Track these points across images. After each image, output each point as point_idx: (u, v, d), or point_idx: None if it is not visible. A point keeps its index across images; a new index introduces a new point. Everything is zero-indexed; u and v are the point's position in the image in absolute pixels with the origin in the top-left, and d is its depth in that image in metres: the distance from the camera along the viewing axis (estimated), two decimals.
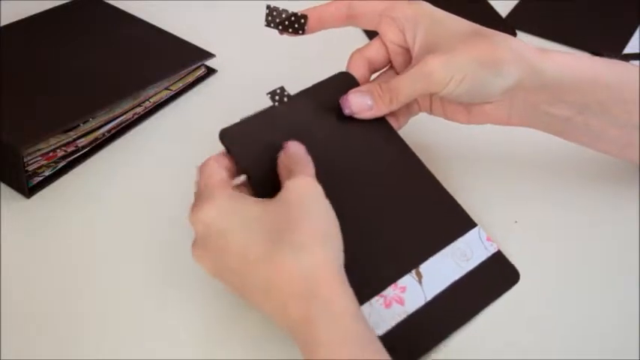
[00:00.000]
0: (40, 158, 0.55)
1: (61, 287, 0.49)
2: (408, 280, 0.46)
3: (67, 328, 0.46)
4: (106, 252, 0.51)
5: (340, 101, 0.49)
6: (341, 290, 0.39)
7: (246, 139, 0.48)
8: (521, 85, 0.47)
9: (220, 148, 0.47)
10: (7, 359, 0.44)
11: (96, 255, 0.51)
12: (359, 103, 0.49)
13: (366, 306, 0.44)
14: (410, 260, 0.47)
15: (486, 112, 0.50)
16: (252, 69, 0.68)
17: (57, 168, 0.57)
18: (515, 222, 0.53)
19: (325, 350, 0.37)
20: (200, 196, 0.43)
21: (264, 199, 0.42)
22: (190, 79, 0.66)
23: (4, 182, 0.56)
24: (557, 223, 0.53)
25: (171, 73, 0.64)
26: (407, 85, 0.48)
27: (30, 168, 0.55)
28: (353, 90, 0.49)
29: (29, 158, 0.55)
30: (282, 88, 0.50)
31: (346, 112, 0.49)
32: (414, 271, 0.46)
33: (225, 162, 0.45)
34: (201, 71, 0.67)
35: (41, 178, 0.56)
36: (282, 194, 0.42)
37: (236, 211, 0.41)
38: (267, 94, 0.50)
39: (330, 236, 0.41)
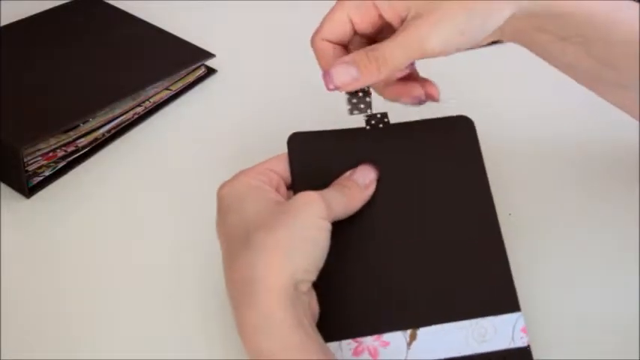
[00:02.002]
0: (40, 158, 0.55)
1: (61, 287, 0.49)
2: (395, 337, 0.41)
3: (67, 328, 0.46)
4: (105, 252, 0.51)
5: (322, 77, 0.44)
6: (283, 303, 0.38)
7: (311, 150, 0.45)
8: (513, 16, 0.44)
9: (219, 150, 0.47)
10: (7, 359, 0.44)
11: (96, 255, 0.51)
12: (343, 76, 0.44)
13: (334, 345, 0.41)
14: (412, 318, 0.42)
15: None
16: (252, 69, 0.68)
17: (57, 168, 0.57)
18: (510, 214, 0.52)
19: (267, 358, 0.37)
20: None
21: (278, 200, 0.42)
22: (190, 79, 0.66)
23: (4, 182, 0.56)
24: (554, 221, 0.53)
25: (172, 73, 0.64)
26: (398, 54, 0.44)
27: (30, 168, 0.55)
28: (337, 61, 0.44)
29: (29, 158, 0.55)
30: (384, 114, 0.46)
31: (329, 87, 0.44)
32: (408, 331, 0.41)
33: (282, 165, 0.45)
34: (201, 71, 0.67)
35: (41, 178, 0.56)
36: (289, 200, 0.41)
37: (245, 199, 0.42)
38: (365, 116, 0.46)
39: (298, 251, 0.39)
